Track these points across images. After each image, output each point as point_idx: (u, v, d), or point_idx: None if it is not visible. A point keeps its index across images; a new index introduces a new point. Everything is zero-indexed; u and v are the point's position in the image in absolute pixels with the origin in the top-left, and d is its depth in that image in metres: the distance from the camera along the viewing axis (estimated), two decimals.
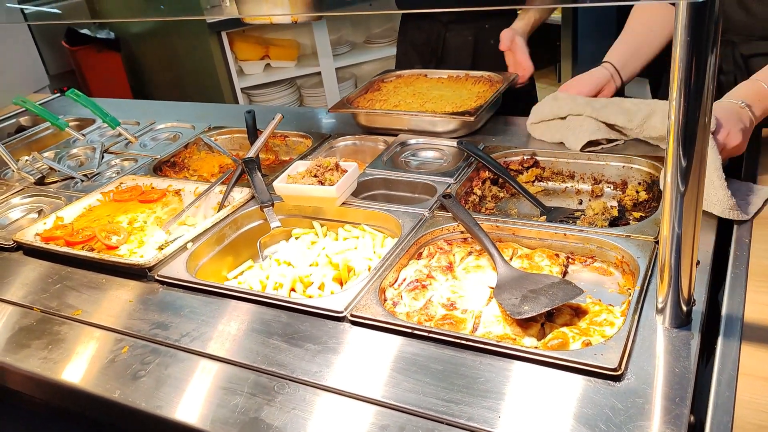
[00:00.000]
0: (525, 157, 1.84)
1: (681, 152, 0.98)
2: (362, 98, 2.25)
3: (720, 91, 1.61)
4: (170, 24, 4.94)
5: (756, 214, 1.42)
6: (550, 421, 1.00)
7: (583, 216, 1.59)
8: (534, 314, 1.19)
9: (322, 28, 4.46)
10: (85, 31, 5.59)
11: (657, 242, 1.36)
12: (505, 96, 2.15)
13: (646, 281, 1.25)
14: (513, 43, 2.23)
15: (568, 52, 5.27)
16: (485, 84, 2.23)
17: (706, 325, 1.15)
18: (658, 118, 1.70)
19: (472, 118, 1.90)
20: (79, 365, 1.31)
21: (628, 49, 2.01)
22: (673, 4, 0.90)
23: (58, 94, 3.12)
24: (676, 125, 0.96)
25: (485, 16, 2.51)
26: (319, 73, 4.67)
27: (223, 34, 4.40)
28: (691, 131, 0.96)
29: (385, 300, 1.35)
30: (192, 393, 1.19)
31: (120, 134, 2.38)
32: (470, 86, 2.23)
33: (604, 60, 2.02)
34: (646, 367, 1.07)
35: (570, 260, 1.42)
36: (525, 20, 2.35)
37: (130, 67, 5.70)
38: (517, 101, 2.26)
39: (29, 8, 2.10)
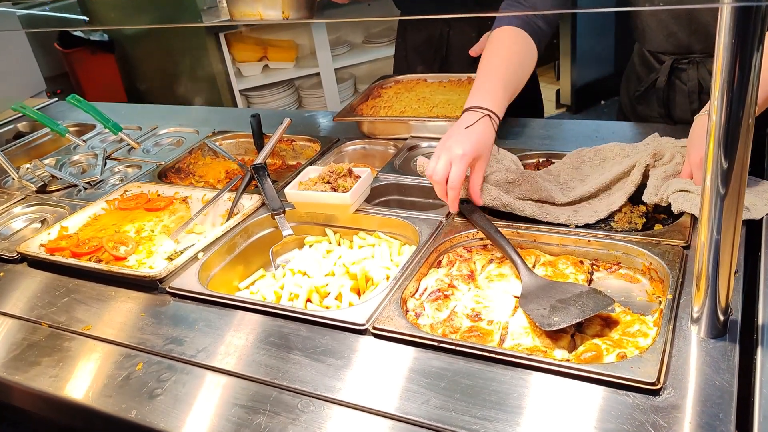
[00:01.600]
0: (540, 160, 1.80)
1: (722, 155, 0.94)
2: (365, 105, 2.20)
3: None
4: (166, 24, 4.88)
5: None
6: None
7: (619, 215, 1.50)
8: (564, 326, 1.15)
9: (321, 29, 4.41)
10: (78, 33, 5.52)
11: (686, 247, 1.32)
12: None
13: (678, 289, 1.21)
14: None
15: (567, 49, 5.25)
16: None
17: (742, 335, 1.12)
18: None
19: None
20: (91, 383, 1.26)
21: (506, 94, 1.66)
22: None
23: (56, 99, 3.06)
24: (718, 126, 0.92)
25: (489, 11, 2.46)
26: (318, 74, 4.62)
27: (221, 36, 4.34)
28: (734, 133, 0.92)
29: (407, 311, 1.31)
30: (212, 412, 1.14)
31: (122, 140, 2.33)
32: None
33: (480, 106, 1.59)
34: (685, 380, 1.04)
35: (595, 267, 1.38)
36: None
37: (125, 69, 5.63)
38: (522, 101, 2.21)
39: (21, 12, 2.04)
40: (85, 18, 5.00)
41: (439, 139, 1.95)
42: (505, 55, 1.70)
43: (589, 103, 5.57)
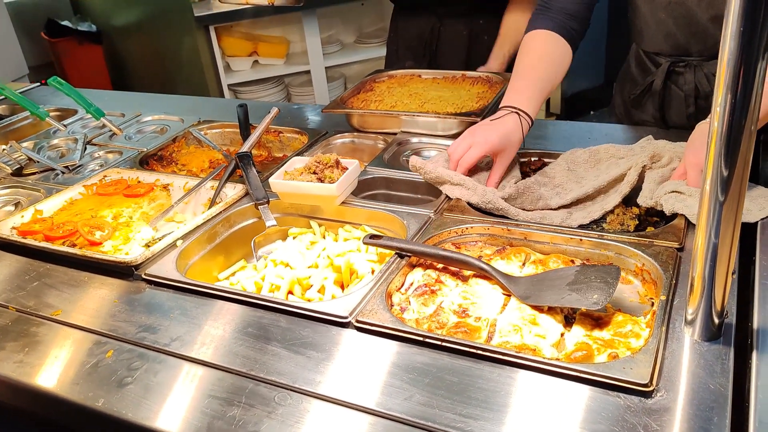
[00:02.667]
0: (533, 159, 1.77)
1: (722, 161, 0.91)
2: (355, 98, 2.16)
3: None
4: (156, 17, 4.81)
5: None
6: None
7: (611, 216, 1.49)
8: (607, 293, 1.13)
9: (313, 26, 4.36)
10: (66, 22, 5.43)
11: (680, 249, 1.29)
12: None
13: (672, 291, 1.18)
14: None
15: None
16: (484, 85, 2.16)
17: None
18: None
19: (478, 119, 1.82)
20: (58, 370, 1.20)
21: (538, 94, 1.68)
22: None
23: (38, 84, 2.99)
24: (719, 132, 0.90)
25: (479, 11, 2.44)
26: (308, 72, 4.57)
27: (211, 29, 4.28)
28: (735, 140, 0.89)
29: (392, 305, 1.26)
30: (184, 403, 1.09)
31: (104, 125, 2.26)
32: (468, 87, 2.17)
33: (510, 105, 1.65)
34: (678, 383, 1.00)
35: None
36: (500, 58, 2.28)
37: (112, 61, 5.54)
38: None
39: None
40: None
41: (428, 135, 1.93)
42: (537, 56, 1.74)
43: (578, 113, 5.57)
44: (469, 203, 1.54)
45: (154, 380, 1.14)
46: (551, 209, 1.54)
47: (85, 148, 2.14)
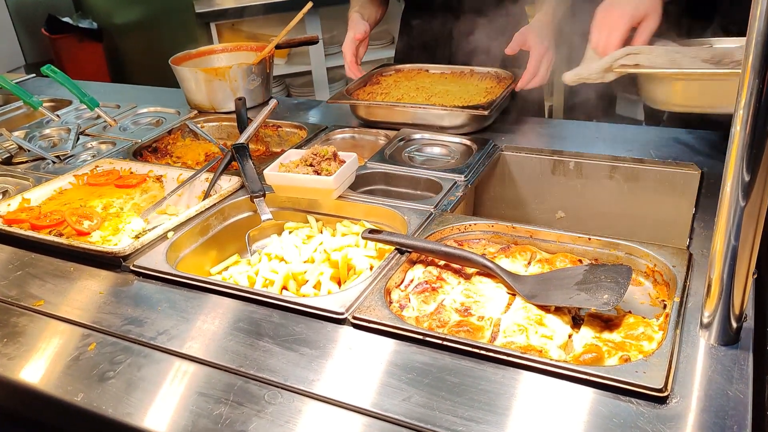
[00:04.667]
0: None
1: (744, 166, 0.86)
2: (362, 91, 2.11)
3: None
4: (157, 15, 4.77)
5: None
6: None
7: None
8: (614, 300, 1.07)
9: (315, 26, 4.32)
10: (66, 19, 5.39)
11: (689, 247, 1.24)
12: (513, 96, 2.03)
13: (686, 293, 1.12)
14: (526, 44, 1.97)
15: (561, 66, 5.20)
16: (492, 80, 2.10)
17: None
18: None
19: (485, 112, 1.79)
20: (38, 363, 1.14)
21: None
22: None
23: (34, 75, 2.93)
24: (742, 136, 0.85)
25: (500, 5, 2.23)
26: (309, 72, 4.52)
27: (212, 26, 4.24)
28: (759, 144, 0.85)
29: (391, 302, 1.20)
30: (168, 399, 1.02)
31: (98, 116, 2.21)
32: (476, 82, 2.10)
33: None
34: (694, 388, 0.94)
35: None
36: (544, 11, 2.07)
37: (112, 59, 5.50)
38: (525, 103, 2.13)
39: None
40: None
41: (432, 130, 1.87)
42: None
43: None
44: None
45: (137, 375, 1.08)
46: None
47: (78, 139, 2.08)
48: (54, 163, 1.92)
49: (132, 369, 1.09)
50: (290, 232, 1.52)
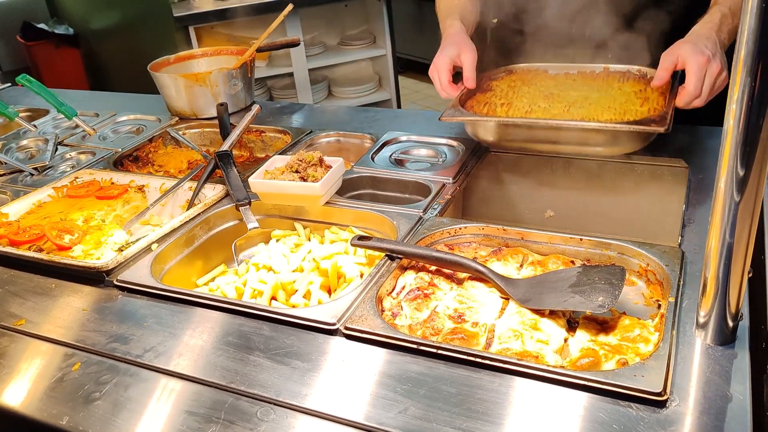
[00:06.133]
0: None
1: (739, 161, 0.85)
2: (474, 101, 1.71)
3: None
4: (134, 19, 4.69)
5: None
6: None
7: None
8: (608, 304, 1.05)
9: (296, 27, 4.28)
10: (42, 25, 5.30)
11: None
12: None
13: (680, 293, 1.11)
14: (680, 62, 1.46)
15: None
16: (638, 82, 1.68)
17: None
18: None
19: (662, 129, 1.36)
20: (19, 385, 1.10)
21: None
22: None
23: (9, 84, 2.87)
24: (735, 130, 0.84)
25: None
26: (291, 74, 4.49)
27: (191, 29, 4.18)
28: (753, 138, 0.84)
29: (383, 311, 1.18)
30: (157, 420, 1.00)
31: (77, 126, 2.16)
32: (617, 84, 1.69)
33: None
34: (693, 390, 0.93)
35: None
36: (703, 21, 1.54)
37: (90, 65, 5.41)
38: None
39: None
40: None
41: (425, 134, 1.82)
42: None
43: None
44: None
45: (124, 395, 1.05)
46: None
47: (56, 149, 2.04)
48: (32, 175, 1.88)
49: (119, 389, 1.06)
50: (278, 241, 1.49)
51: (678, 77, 1.52)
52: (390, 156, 1.78)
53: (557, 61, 1.85)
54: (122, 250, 1.45)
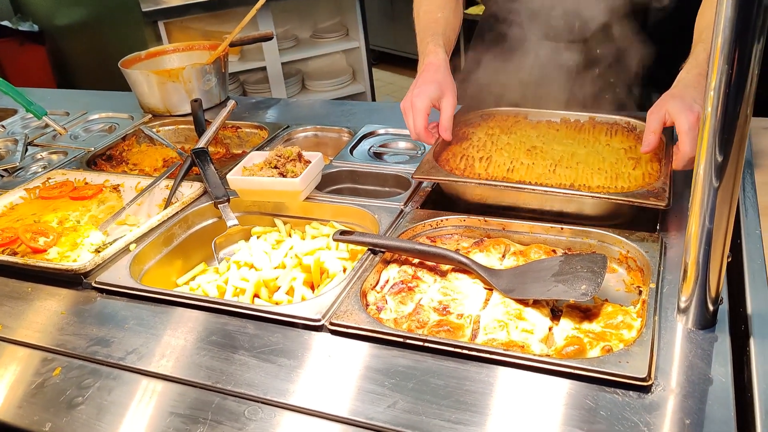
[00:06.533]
0: None
1: (717, 147, 0.87)
2: (450, 153, 1.53)
3: None
4: (101, 15, 4.60)
5: None
6: None
7: None
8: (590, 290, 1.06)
9: (268, 21, 4.23)
10: (5, 22, 5.17)
11: (659, 231, 1.25)
12: None
13: (660, 278, 1.13)
14: (668, 119, 1.31)
15: None
16: (628, 137, 1.53)
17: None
18: None
19: (663, 205, 1.23)
20: None
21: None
22: None
23: None
24: (713, 117, 0.85)
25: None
26: (264, 68, 4.44)
27: (161, 24, 4.11)
28: (730, 127, 0.85)
29: (368, 305, 1.18)
30: (142, 422, 0.98)
31: (47, 125, 2.11)
32: (604, 138, 1.54)
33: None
34: (676, 375, 0.95)
35: None
36: (688, 66, 1.40)
37: (57, 62, 5.30)
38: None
39: None
40: None
41: (397, 127, 1.82)
42: None
43: None
44: None
45: (108, 399, 1.03)
46: None
47: (27, 150, 1.99)
48: (2, 177, 1.84)
49: (102, 393, 1.04)
50: (258, 238, 1.48)
51: (669, 134, 1.41)
52: (369, 149, 1.77)
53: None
54: (99, 252, 1.42)
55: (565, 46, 1.75)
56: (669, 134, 1.40)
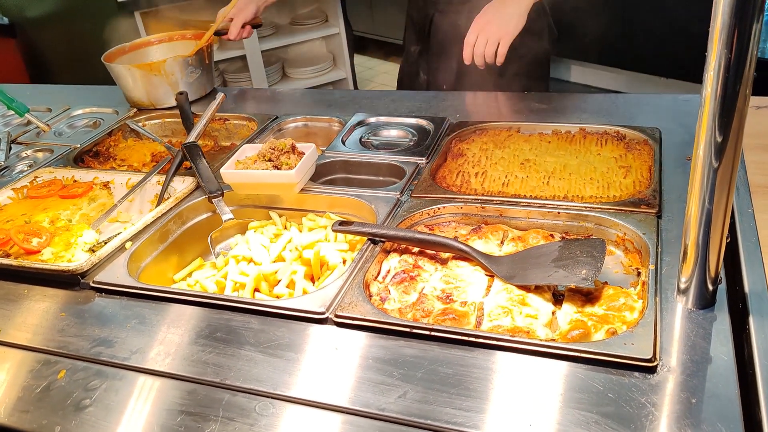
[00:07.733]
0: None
1: (716, 127, 0.88)
2: (446, 170, 1.57)
3: None
4: (74, 5, 4.50)
5: None
6: (589, 426, 0.87)
7: None
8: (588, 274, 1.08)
9: None
10: None
11: (659, 216, 1.26)
12: None
13: (659, 259, 1.15)
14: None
15: None
16: (617, 145, 1.58)
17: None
18: None
19: (653, 211, 1.27)
20: (4, 398, 1.07)
21: None
22: None
23: None
24: (713, 97, 0.86)
25: (476, 8, 1.92)
26: (243, 57, 4.39)
27: (137, 14, 4.04)
28: (729, 105, 0.86)
29: (371, 296, 1.18)
30: (152, 422, 0.98)
31: (29, 122, 2.07)
32: (596, 148, 1.58)
33: None
34: (679, 354, 0.96)
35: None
36: None
37: (29, 55, 5.17)
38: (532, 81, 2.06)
39: None
40: None
41: (389, 115, 1.81)
42: None
43: None
44: None
45: (115, 399, 1.02)
46: None
47: (11, 148, 1.96)
48: None
49: (109, 394, 1.04)
50: (255, 231, 1.47)
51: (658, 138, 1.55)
52: (360, 138, 1.77)
53: None
54: (94, 251, 1.41)
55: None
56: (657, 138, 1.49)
